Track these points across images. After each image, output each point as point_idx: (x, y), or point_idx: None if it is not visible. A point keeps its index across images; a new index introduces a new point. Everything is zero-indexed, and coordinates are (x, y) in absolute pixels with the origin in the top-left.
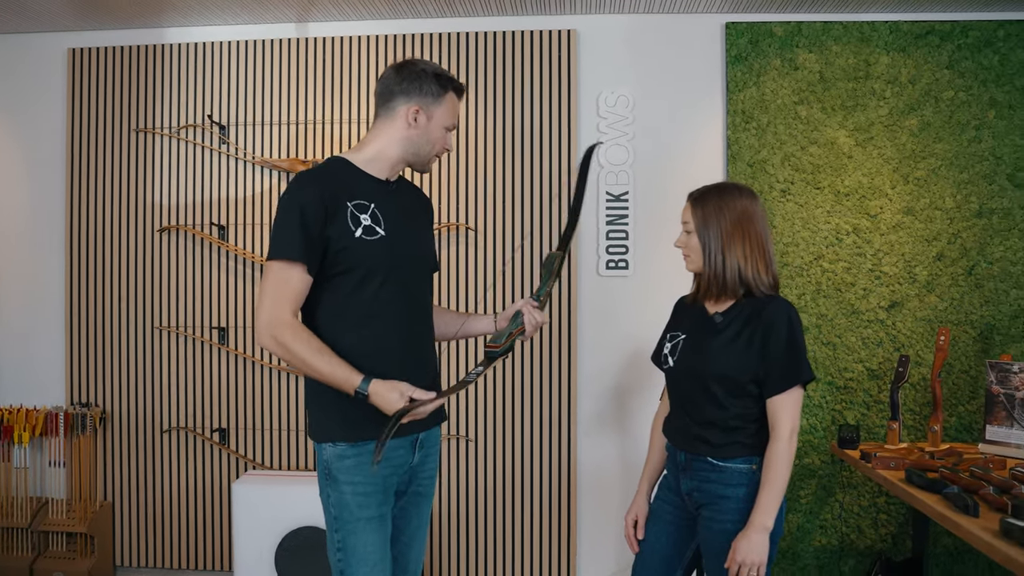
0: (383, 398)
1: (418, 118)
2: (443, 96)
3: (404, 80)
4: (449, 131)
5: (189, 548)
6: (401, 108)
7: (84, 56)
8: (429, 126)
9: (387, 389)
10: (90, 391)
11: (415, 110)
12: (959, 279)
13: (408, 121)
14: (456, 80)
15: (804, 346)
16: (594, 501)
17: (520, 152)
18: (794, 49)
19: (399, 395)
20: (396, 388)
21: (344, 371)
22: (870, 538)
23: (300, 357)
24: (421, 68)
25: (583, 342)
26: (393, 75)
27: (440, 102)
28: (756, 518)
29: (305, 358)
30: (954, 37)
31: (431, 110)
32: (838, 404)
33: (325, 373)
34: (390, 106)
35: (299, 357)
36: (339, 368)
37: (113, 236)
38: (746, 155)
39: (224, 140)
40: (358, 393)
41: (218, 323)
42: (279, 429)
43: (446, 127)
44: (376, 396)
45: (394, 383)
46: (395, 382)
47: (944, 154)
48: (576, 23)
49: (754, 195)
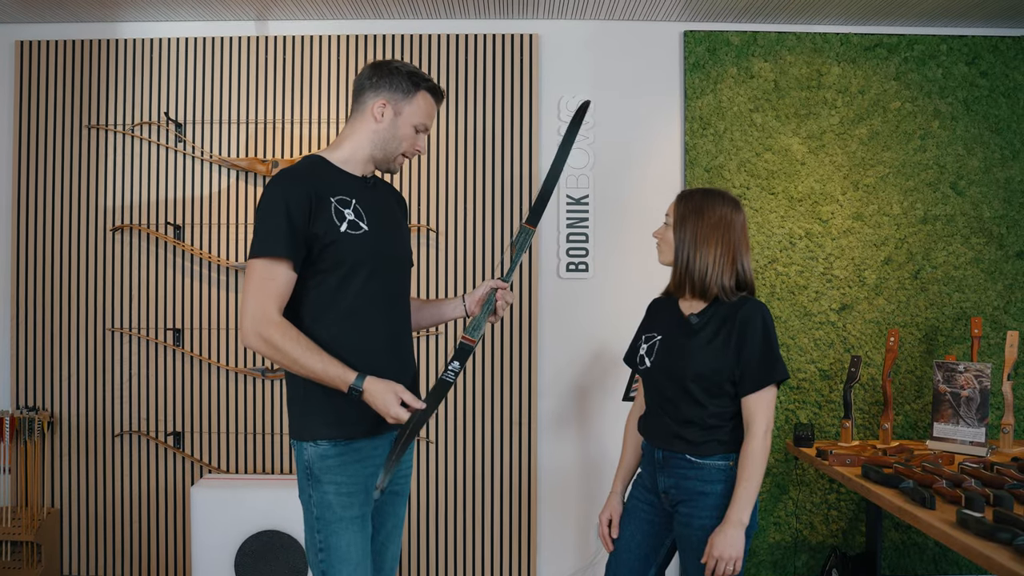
0: (378, 396)
1: (384, 112)
2: (414, 94)
3: (375, 75)
4: (420, 132)
5: (143, 555)
6: (369, 102)
7: (32, 49)
8: (396, 121)
9: (383, 389)
10: (37, 394)
11: (382, 103)
12: (905, 282)
13: (375, 115)
14: (432, 81)
15: (777, 346)
16: (554, 500)
17: (482, 155)
18: (750, 58)
19: (394, 396)
20: (391, 388)
21: (337, 368)
22: (822, 534)
23: (291, 356)
24: (395, 66)
25: (543, 343)
26: (366, 72)
27: (410, 100)
28: (732, 514)
29: (296, 357)
30: (901, 50)
31: (399, 106)
32: (791, 404)
33: (317, 371)
34: (360, 100)
35: (290, 356)
36: (331, 366)
37: (63, 235)
38: (703, 160)
39: (181, 138)
40: (352, 390)
41: (173, 324)
42: (236, 432)
43: (415, 126)
44: (370, 394)
45: (389, 383)
46: (389, 382)
47: (892, 162)
48: (538, 27)
49: (738, 206)
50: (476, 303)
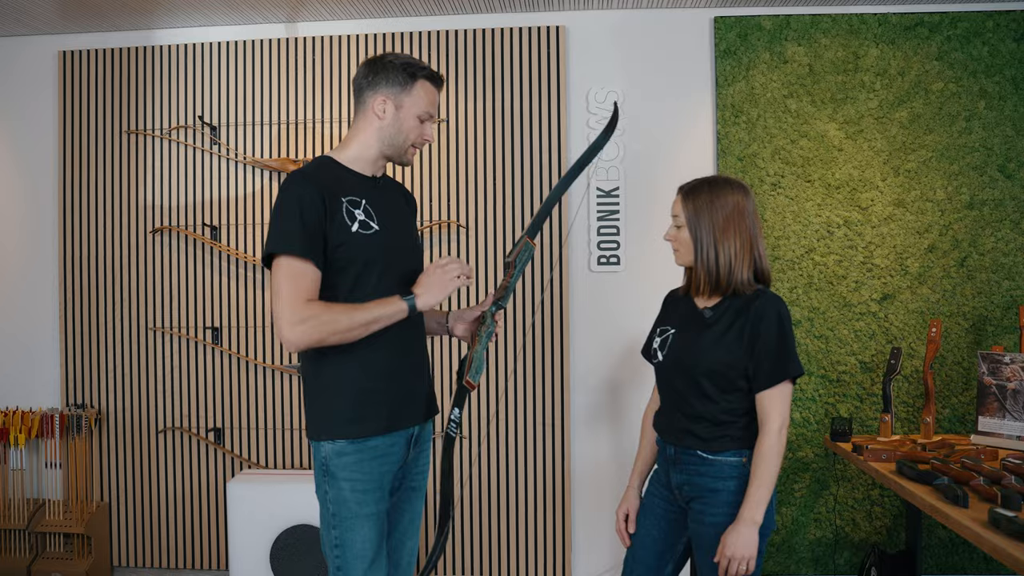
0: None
1: (386, 108)
2: (411, 85)
3: (371, 73)
4: (424, 121)
5: (186, 547)
6: (370, 100)
7: (75, 58)
8: (399, 115)
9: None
10: (85, 392)
11: (382, 100)
12: (951, 271)
13: (376, 113)
14: (428, 68)
15: (793, 341)
16: (589, 495)
17: (510, 149)
18: (783, 42)
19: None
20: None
21: (385, 306)
22: (864, 531)
23: (340, 326)
24: (388, 60)
25: (576, 338)
26: (362, 70)
27: (409, 91)
28: (745, 512)
29: (344, 322)
30: (943, 28)
31: (399, 99)
32: (831, 397)
33: (370, 319)
34: (361, 100)
35: (339, 327)
36: (378, 308)
37: (106, 238)
38: (736, 149)
39: (215, 141)
40: (411, 310)
41: (211, 323)
42: (274, 428)
43: (419, 116)
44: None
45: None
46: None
47: (935, 146)
48: (565, 19)
49: (746, 189)
50: (463, 323)
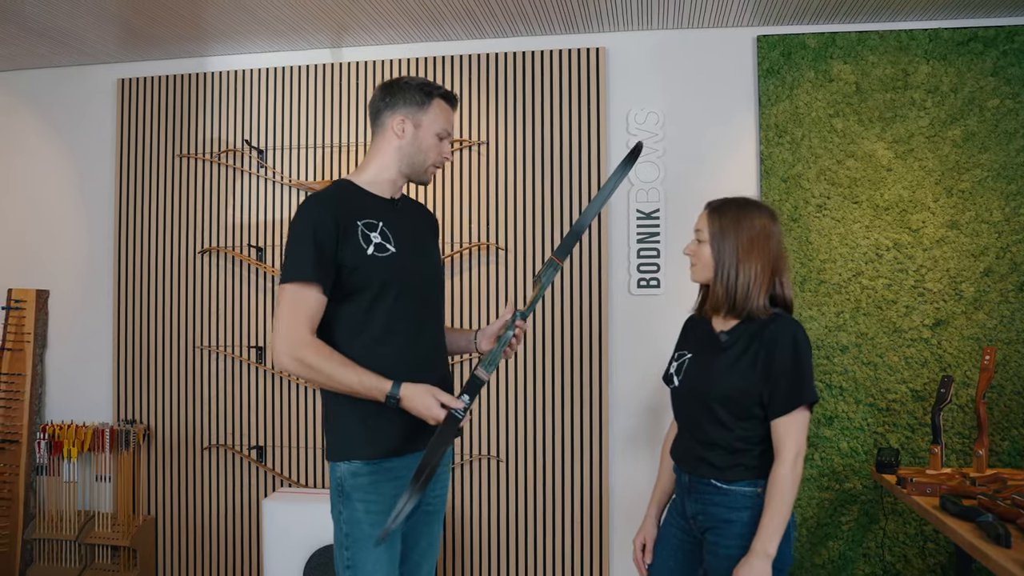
0: (416, 400)
1: (405, 128)
2: (428, 104)
3: (388, 95)
4: (443, 139)
5: (224, 563)
6: (388, 121)
7: (132, 86)
8: (418, 134)
9: (420, 392)
10: (135, 408)
11: (400, 119)
12: (1009, 295)
13: (396, 132)
14: (443, 88)
15: (810, 367)
16: (627, 521)
17: (550, 171)
18: (828, 60)
19: (432, 397)
20: (427, 391)
21: (372, 379)
22: (917, 568)
23: (325, 373)
24: (405, 82)
25: (615, 361)
26: (379, 93)
27: (426, 110)
28: (757, 544)
29: (331, 373)
30: (999, 43)
31: (417, 118)
32: (881, 427)
33: (353, 384)
34: (379, 122)
35: (324, 373)
36: (366, 377)
37: (157, 258)
38: (780, 170)
39: (262, 164)
40: (389, 398)
41: (255, 342)
42: (314, 447)
43: (437, 134)
44: (408, 399)
45: (423, 386)
46: (424, 384)
47: (991, 165)
48: (604, 41)
49: (774, 215)
50: (488, 339)
